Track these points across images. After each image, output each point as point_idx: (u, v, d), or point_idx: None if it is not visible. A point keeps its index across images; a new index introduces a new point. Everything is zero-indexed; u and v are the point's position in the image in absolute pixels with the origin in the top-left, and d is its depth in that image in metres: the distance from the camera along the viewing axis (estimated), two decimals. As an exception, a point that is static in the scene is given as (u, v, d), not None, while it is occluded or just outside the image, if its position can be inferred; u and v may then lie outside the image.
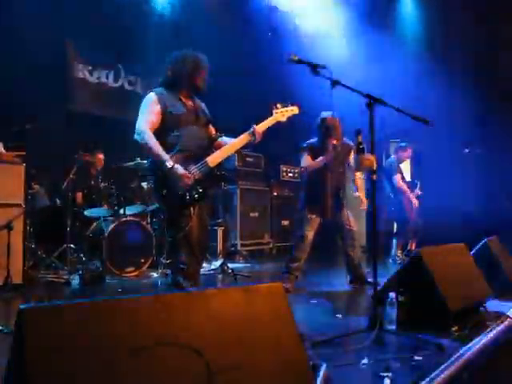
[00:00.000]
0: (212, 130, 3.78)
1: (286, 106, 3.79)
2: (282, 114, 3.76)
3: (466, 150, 6.88)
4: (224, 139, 3.73)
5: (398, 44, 8.84)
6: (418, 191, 7.23)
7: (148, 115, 3.44)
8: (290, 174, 9.51)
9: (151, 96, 3.51)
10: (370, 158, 3.24)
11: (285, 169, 9.44)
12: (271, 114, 3.74)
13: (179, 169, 3.32)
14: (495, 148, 7.32)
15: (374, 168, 3.25)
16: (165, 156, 3.33)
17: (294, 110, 3.83)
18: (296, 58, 3.29)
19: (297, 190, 9.35)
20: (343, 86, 3.22)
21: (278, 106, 3.75)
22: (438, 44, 8.48)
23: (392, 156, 7.52)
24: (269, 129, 3.71)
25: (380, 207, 7.63)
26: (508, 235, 5.32)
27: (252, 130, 3.60)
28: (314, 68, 3.25)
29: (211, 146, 3.66)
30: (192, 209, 3.40)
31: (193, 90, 3.64)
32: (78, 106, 7.86)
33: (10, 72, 6.41)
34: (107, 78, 8.41)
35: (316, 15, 9.47)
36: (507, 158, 7.53)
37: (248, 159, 8.66)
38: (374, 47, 8.59)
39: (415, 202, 7.12)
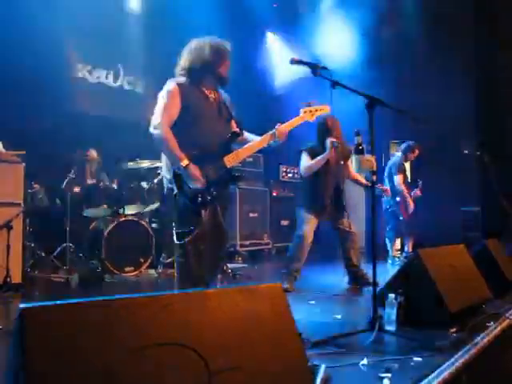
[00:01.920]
0: (234, 125, 3.51)
1: (315, 105, 3.57)
2: (312, 113, 3.53)
3: (466, 151, 6.89)
4: (246, 135, 3.51)
5: (398, 44, 8.84)
6: (418, 192, 7.22)
7: (167, 108, 3.18)
8: (290, 175, 9.51)
9: (173, 86, 3.22)
10: (369, 159, 3.24)
11: (284, 169, 9.44)
12: (297, 114, 3.53)
13: (195, 169, 3.12)
14: (494, 149, 7.32)
15: (374, 169, 3.25)
16: (180, 154, 3.10)
17: (324, 108, 3.60)
18: (296, 59, 3.29)
19: (296, 190, 9.38)
20: (343, 86, 3.22)
21: (307, 104, 3.55)
22: (439, 43, 8.49)
23: (398, 154, 7.46)
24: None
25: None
26: (507, 236, 5.32)
27: (275, 130, 3.38)
28: (315, 69, 3.26)
29: (231, 142, 3.38)
30: (204, 211, 3.21)
31: (217, 80, 3.35)
32: (78, 105, 7.86)
33: (10, 71, 6.40)
34: (107, 77, 8.41)
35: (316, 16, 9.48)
36: (506, 159, 7.54)
37: (247, 159, 8.65)
38: (374, 47, 8.60)
39: (412, 205, 7.10)
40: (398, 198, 7.09)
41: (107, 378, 1.45)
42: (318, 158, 4.86)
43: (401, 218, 7.11)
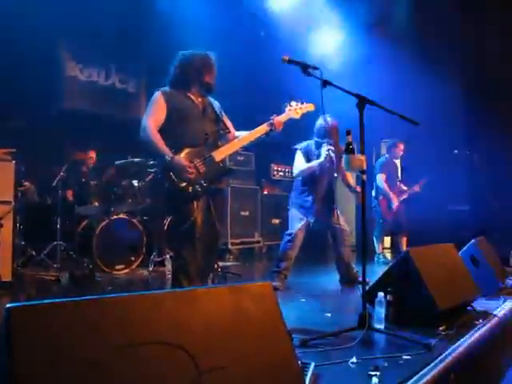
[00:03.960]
0: (226, 126, 3.70)
1: (301, 104, 3.74)
2: (296, 111, 3.71)
3: (456, 151, 6.92)
4: (238, 134, 3.69)
5: (388, 44, 8.85)
6: (416, 187, 7.14)
7: (153, 113, 3.45)
8: (281, 173, 9.53)
9: (157, 95, 3.51)
10: (360, 158, 3.25)
11: (276, 168, 9.45)
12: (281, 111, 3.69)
13: (180, 160, 3.28)
14: (484, 148, 7.38)
15: (364, 168, 3.27)
16: (165, 149, 3.31)
17: (309, 106, 3.78)
18: (287, 59, 3.30)
19: (288, 189, 9.39)
20: (334, 86, 3.23)
21: (292, 103, 3.70)
22: (427, 43, 8.52)
23: (385, 155, 7.47)
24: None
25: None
26: (496, 235, 5.36)
27: (271, 120, 3.56)
28: (305, 68, 3.27)
29: (220, 140, 3.59)
30: (195, 203, 3.35)
31: (203, 87, 3.59)
32: (69, 103, 7.83)
33: (1, 70, 6.36)
34: (98, 76, 8.38)
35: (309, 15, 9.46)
36: (495, 158, 7.58)
37: (239, 158, 8.65)
38: (367, 47, 8.60)
39: (396, 204, 7.09)
40: (380, 197, 7.10)
41: (97, 377, 1.45)
42: (312, 163, 4.88)
43: (382, 218, 7.10)
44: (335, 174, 5.09)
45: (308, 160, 4.98)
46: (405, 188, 7.21)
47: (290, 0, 9.00)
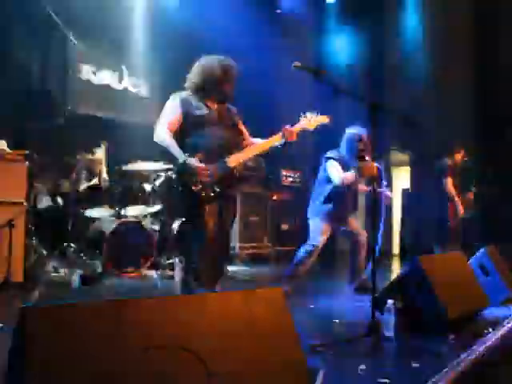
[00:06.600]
0: (241, 133, 3.72)
1: (316, 115, 3.75)
2: (311, 122, 3.71)
3: (465, 158, 6.85)
4: (254, 141, 3.69)
5: (400, 52, 8.87)
6: (470, 195, 6.88)
7: (168, 117, 3.46)
8: (290, 179, 9.53)
9: (174, 99, 3.52)
10: (370, 166, 3.25)
11: (285, 173, 9.45)
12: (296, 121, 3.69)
13: (194, 162, 3.28)
14: (493, 157, 7.34)
15: (375, 175, 3.27)
16: (178, 153, 3.32)
17: (323, 119, 3.79)
18: (299, 65, 3.31)
19: (297, 194, 9.39)
20: (345, 92, 3.24)
21: (308, 114, 3.71)
22: (436, 52, 8.51)
23: (447, 160, 7.12)
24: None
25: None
26: (505, 244, 5.33)
27: (283, 130, 3.54)
28: (317, 74, 3.28)
29: (235, 147, 3.57)
30: (207, 207, 3.34)
31: (220, 95, 3.58)
32: (82, 106, 7.86)
33: (14, 72, 6.42)
34: (111, 79, 8.41)
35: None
36: (504, 167, 7.55)
37: (248, 163, 8.64)
38: (377, 55, 8.62)
39: (461, 210, 6.76)
40: (449, 203, 6.74)
41: (107, 379, 1.46)
42: (350, 174, 4.63)
43: (448, 226, 6.73)
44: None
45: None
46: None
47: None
